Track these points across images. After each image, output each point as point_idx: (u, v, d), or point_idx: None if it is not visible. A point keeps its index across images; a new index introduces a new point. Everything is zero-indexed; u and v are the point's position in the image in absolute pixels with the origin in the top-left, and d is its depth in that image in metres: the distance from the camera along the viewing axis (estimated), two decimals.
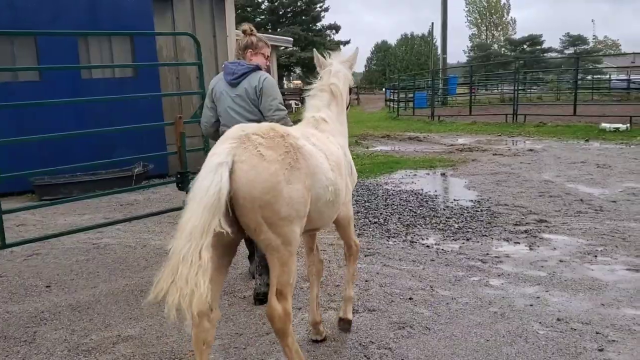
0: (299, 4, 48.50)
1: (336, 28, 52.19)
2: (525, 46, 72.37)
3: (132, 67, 10.23)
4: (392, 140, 18.16)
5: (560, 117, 20.00)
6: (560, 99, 32.23)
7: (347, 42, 54.04)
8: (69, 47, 9.71)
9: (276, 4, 48.23)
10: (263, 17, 49.24)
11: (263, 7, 49.18)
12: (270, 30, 45.45)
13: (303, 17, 49.19)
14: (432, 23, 54.27)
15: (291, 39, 15.44)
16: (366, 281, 4.95)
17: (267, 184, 2.72)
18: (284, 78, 51.20)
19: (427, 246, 6.03)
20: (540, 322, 4.06)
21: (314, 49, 4.33)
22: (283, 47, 15.39)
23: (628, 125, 16.77)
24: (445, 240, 6.25)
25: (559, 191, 8.69)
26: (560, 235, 6.35)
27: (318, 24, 50.89)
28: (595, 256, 5.56)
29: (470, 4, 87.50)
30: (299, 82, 56.31)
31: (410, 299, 4.54)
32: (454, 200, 8.43)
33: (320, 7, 49.17)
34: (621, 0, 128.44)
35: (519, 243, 6.09)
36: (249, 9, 48.50)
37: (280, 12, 49.67)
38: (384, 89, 44.86)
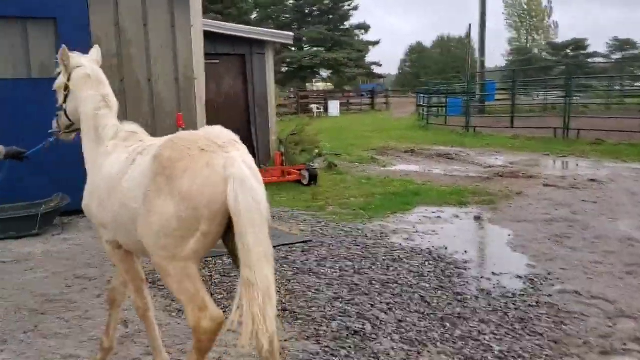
0: (325, 2, 45.59)
1: (365, 28, 49.03)
2: (568, 50, 68.20)
3: None
4: (416, 157, 15.19)
5: (620, 132, 16.61)
6: (610, 108, 28.59)
7: (376, 43, 50.95)
8: None
9: (301, 2, 45.46)
10: (288, 15, 46.55)
11: (288, 4, 46.43)
12: (293, 29, 42.74)
13: (330, 16, 46.28)
14: (470, 24, 50.83)
15: (291, 34, 12.64)
16: None
17: None
18: (306, 80, 48.31)
19: None
20: None
21: (63, 46, 3.67)
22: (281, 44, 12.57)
23: None
24: None
25: None
26: None
27: (346, 23, 47.86)
28: None
29: (510, 7, 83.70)
30: (323, 84, 53.50)
31: None
32: (493, 274, 5.47)
33: (349, 5, 46.22)
34: None
35: None
36: (272, 7, 45.91)
37: (306, 11, 46.89)
38: (416, 93, 41.80)
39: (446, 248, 6.37)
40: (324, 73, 49.15)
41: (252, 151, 11.58)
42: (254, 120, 11.75)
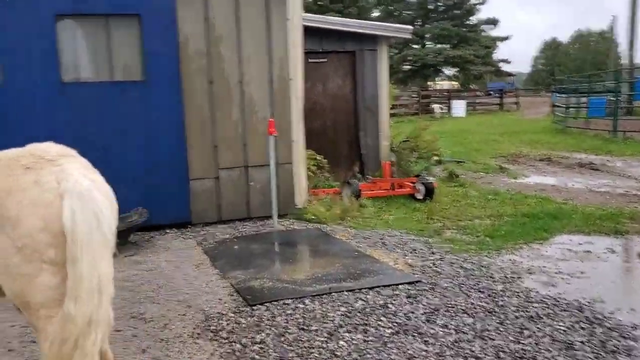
0: None
1: (494, 22, 45.85)
2: None
3: None
4: (553, 167, 13.13)
5: None
6: None
7: (506, 39, 47.54)
8: (43, 32, 6.56)
9: None
10: (411, 12, 44.78)
11: (411, 0, 44.59)
12: (417, 27, 40.99)
13: (455, 11, 43.82)
14: (614, 16, 45.88)
15: (409, 27, 11.27)
16: None
17: None
18: (429, 78, 46.15)
19: None
20: None
21: None
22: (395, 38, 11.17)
23: None
24: None
25: None
26: None
27: (472, 18, 45.08)
28: None
29: None
30: (447, 82, 50.96)
31: None
32: None
33: None
34: None
35: None
36: (394, 4, 44.43)
37: (430, 6, 44.80)
38: (551, 92, 38.23)
39: (603, 302, 4.72)
40: (449, 71, 46.78)
41: (360, 159, 10.41)
42: (362, 124, 10.52)
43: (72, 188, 2.28)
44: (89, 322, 2.22)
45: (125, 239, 6.37)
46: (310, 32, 9.23)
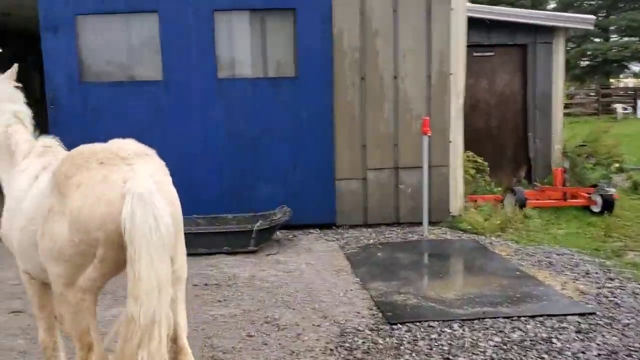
0: None
1: None
2: None
3: None
4: None
5: None
6: None
7: None
8: (202, 27, 6.70)
9: None
10: (593, 2, 40.63)
11: None
12: (600, 18, 37.14)
13: None
14: None
15: (591, 17, 9.99)
16: None
17: None
18: (610, 75, 41.42)
19: None
20: None
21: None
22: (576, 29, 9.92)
23: None
24: None
25: None
26: None
27: None
28: None
29: None
30: (634, 79, 45.50)
31: None
32: None
33: None
34: None
35: None
36: None
37: None
38: None
39: None
40: (636, 67, 41.69)
41: (527, 163, 9.48)
42: (532, 125, 9.52)
43: (135, 189, 2.26)
44: (152, 321, 2.22)
45: (269, 236, 6.28)
46: (475, 24, 8.56)
